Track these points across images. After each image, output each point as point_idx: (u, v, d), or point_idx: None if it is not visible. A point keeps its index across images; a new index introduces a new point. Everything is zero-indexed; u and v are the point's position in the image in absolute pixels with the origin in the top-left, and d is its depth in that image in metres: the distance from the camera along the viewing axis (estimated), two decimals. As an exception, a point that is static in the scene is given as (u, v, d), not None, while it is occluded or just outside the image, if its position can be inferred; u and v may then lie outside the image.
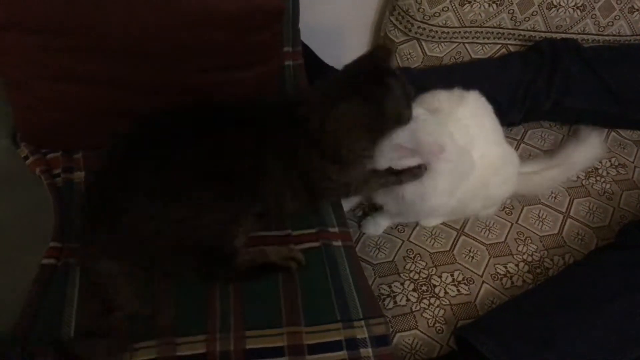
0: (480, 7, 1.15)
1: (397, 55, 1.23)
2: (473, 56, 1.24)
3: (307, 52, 1.20)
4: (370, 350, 0.68)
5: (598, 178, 1.12)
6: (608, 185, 1.11)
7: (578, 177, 1.12)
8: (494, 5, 1.15)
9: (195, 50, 0.80)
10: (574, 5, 1.18)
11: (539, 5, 1.17)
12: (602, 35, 1.25)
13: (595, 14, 1.21)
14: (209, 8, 0.77)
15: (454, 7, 1.14)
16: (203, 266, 0.74)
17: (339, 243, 0.82)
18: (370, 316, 0.72)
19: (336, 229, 0.84)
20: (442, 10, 1.14)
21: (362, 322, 0.71)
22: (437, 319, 0.89)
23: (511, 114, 1.19)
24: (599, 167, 1.14)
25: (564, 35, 1.23)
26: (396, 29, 1.19)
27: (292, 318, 0.70)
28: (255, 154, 0.74)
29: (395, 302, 0.91)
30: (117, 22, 0.74)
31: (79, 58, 0.77)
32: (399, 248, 0.98)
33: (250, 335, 0.69)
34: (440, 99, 0.93)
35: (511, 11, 1.17)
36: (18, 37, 0.74)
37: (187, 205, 0.71)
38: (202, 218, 0.71)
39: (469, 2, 1.13)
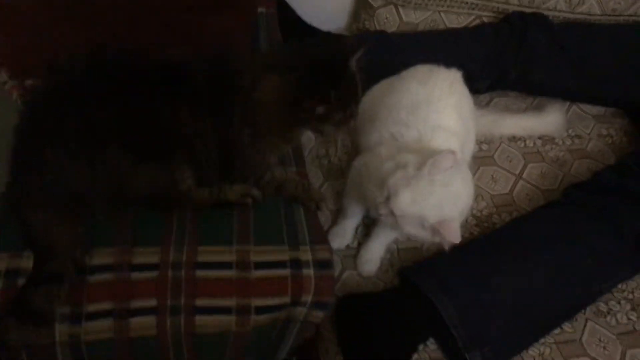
0: (455, -24, 1.19)
1: (374, 19, 1.27)
2: (448, 25, 1.29)
3: (287, 9, 1.24)
4: (312, 271, 0.74)
5: (554, 146, 1.18)
6: (562, 154, 1.16)
7: (535, 143, 1.17)
8: (469, -25, 1.19)
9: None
10: (546, -19, 1.23)
11: (512, -21, 1.22)
12: (573, 13, 1.29)
13: (567, -9, 1.25)
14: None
15: (430, -27, 1.18)
16: (154, 206, 0.77)
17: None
18: (316, 242, 0.77)
19: (294, 168, 0.89)
20: (419, -24, 1.18)
21: (308, 247, 0.76)
22: (383, 260, 0.95)
23: (479, 82, 1.24)
24: (556, 136, 1.20)
25: (535, 11, 1.27)
26: (375, -8, 1.24)
27: (242, 238, 0.76)
28: (184, 110, 0.74)
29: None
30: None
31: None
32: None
33: (202, 250, 0.74)
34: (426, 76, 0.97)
35: (485, -18, 1.21)
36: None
37: (113, 164, 0.71)
38: (130, 174, 0.72)
39: (445, -30, 1.18)
